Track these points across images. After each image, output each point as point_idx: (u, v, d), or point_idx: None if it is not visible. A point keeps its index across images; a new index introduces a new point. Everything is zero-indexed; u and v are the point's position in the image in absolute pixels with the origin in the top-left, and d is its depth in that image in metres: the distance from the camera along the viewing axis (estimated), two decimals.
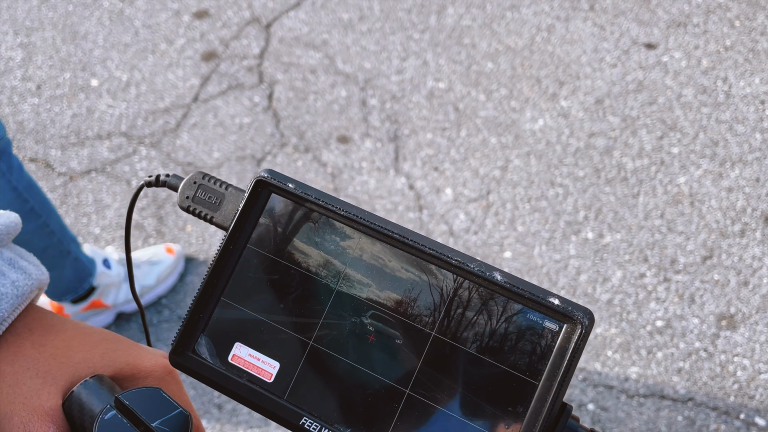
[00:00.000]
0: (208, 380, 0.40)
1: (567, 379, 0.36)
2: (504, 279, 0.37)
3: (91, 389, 0.43)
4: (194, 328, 0.40)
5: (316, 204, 0.40)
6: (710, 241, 1.77)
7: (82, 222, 1.88)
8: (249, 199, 0.40)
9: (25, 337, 0.44)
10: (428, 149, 1.97)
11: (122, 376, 0.45)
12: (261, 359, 0.39)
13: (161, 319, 1.73)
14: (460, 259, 0.38)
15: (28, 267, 0.46)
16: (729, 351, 1.61)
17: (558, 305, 0.36)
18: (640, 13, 2.20)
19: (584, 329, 0.36)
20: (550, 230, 1.81)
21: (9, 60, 2.21)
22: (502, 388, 0.37)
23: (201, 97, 2.11)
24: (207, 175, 0.43)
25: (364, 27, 2.23)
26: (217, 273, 0.40)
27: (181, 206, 0.43)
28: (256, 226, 0.40)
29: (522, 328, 0.37)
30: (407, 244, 0.38)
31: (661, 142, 1.94)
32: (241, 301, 0.40)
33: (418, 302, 0.38)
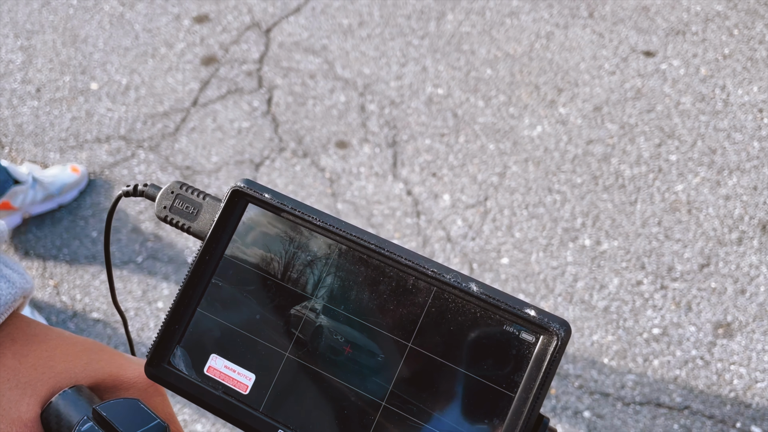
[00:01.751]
0: (183, 392, 0.39)
1: (543, 391, 0.35)
2: (480, 290, 0.37)
3: (69, 400, 0.42)
4: (170, 340, 0.40)
5: (293, 214, 0.40)
6: (707, 249, 1.76)
7: (80, 225, 1.89)
8: (225, 209, 0.40)
9: (6, 347, 0.44)
10: (426, 155, 1.97)
11: (104, 387, 0.45)
12: (237, 371, 0.39)
13: (158, 322, 1.73)
14: (436, 270, 0.38)
15: (11, 275, 0.46)
16: (726, 359, 1.61)
17: (534, 316, 0.36)
18: (639, 21, 2.20)
19: (560, 341, 0.36)
20: (547, 237, 1.81)
21: (9, 63, 2.22)
22: (479, 400, 0.36)
23: (200, 101, 2.11)
24: (185, 185, 0.43)
25: (364, 33, 2.24)
26: (193, 284, 0.40)
27: (158, 216, 0.43)
28: (233, 236, 0.40)
29: (498, 340, 0.37)
30: (383, 254, 0.38)
31: (659, 150, 1.94)
32: (217, 312, 0.40)
33: (394, 313, 0.38)
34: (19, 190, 1.78)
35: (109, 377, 0.45)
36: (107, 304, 1.77)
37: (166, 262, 1.82)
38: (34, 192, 1.82)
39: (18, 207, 1.82)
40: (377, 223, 1.86)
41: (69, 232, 1.88)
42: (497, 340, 0.37)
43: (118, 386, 0.45)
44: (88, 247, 1.85)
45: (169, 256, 1.83)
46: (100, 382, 0.45)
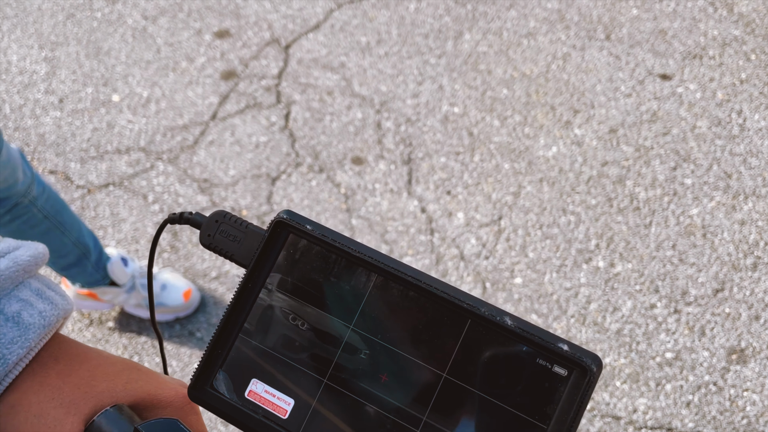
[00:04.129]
0: (225, 415, 0.41)
1: (575, 424, 0.37)
2: (514, 324, 0.38)
3: (111, 419, 0.44)
4: (213, 364, 0.42)
5: (333, 246, 0.41)
6: (722, 273, 1.76)
7: (98, 235, 1.91)
8: (268, 240, 0.42)
9: (50, 367, 0.45)
10: (441, 173, 1.99)
11: (143, 405, 0.46)
12: (276, 396, 0.40)
13: (172, 333, 1.75)
14: (471, 303, 0.39)
15: (54, 297, 0.47)
16: (739, 385, 1.60)
17: (567, 351, 0.37)
18: (656, 44, 2.22)
19: (592, 376, 0.37)
20: (561, 258, 1.81)
21: (33, 73, 2.26)
22: (511, 431, 0.38)
23: (219, 115, 2.14)
24: (228, 214, 0.44)
25: (382, 51, 2.26)
26: (236, 310, 0.42)
27: (203, 243, 0.44)
28: (275, 265, 0.42)
29: (531, 373, 0.38)
30: (420, 287, 0.40)
31: (674, 173, 1.95)
32: (258, 338, 0.41)
33: (430, 344, 0.39)
34: (110, 290, 1.65)
35: (147, 396, 0.46)
36: (123, 314, 1.79)
37: (181, 273, 1.84)
38: (128, 296, 1.68)
39: (106, 301, 1.69)
40: (391, 239, 1.87)
41: None
42: (530, 373, 0.38)
43: (156, 405, 0.47)
44: None
45: (185, 267, 1.85)
46: (139, 401, 0.46)
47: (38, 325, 0.45)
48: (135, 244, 1.90)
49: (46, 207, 1.43)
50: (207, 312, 1.77)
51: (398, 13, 2.35)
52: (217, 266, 1.85)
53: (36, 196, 1.41)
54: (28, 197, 1.39)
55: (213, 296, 1.80)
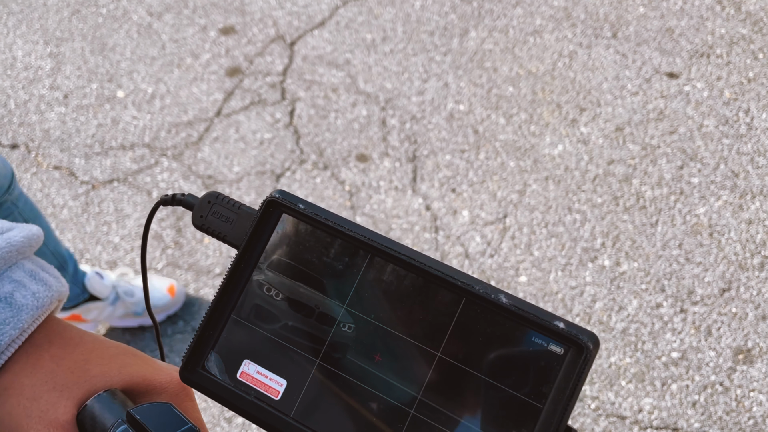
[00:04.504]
0: (217, 396, 0.40)
1: (571, 403, 0.36)
2: (509, 301, 0.37)
3: (104, 403, 0.43)
4: (204, 345, 0.41)
5: (326, 225, 0.40)
6: (729, 273, 1.75)
7: (102, 231, 1.91)
8: (260, 219, 0.41)
9: (44, 349, 0.45)
10: (446, 170, 1.98)
11: (137, 390, 0.46)
12: (269, 377, 0.40)
13: (176, 330, 1.75)
14: (465, 281, 0.38)
15: (48, 278, 0.47)
16: (745, 386, 1.59)
17: (563, 328, 0.37)
18: (663, 42, 2.20)
19: (588, 353, 0.36)
20: (566, 256, 1.80)
21: (38, 69, 2.26)
22: (507, 410, 0.37)
23: (224, 111, 2.14)
24: (220, 195, 0.44)
25: (387, 48, 2.26)
26: (228, 291, 0.41)
27: (195, 224, 0.44)
28: (267, 245, 0.41)
29: (526, 351, 0.37)
30: (415, 266, 0.39)
31: (681, 172, 1.93)
32: (251, 319, 0.41)
33: (424, 323, 0.39)
34: (94, 306, 1.60)
35: (142, 381, 0.46)
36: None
37: (185, 269, 1.83)
38: (113, 309, 1.63)
39: (91, 320, 1.64)
40: (395, 237, 1.86)
41: (92, 238, 1.90)
42: (526, 351, 0.37)
43: (151, 390, 0.46)
44: (109, 253, 1.87)
45: (189, 264, 1.85)
46: (133, 386, 0.45)
47: (31, 306, 0.44)
48: (139, 240, 1.89)
49: (25, 210, 1.39)
50: None
51: (404, 11, 2.35)
52: (221, 263, 1.84)
53: (17, 195, 1.37)
54: (11, 197, 1.35)
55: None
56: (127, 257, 1.87)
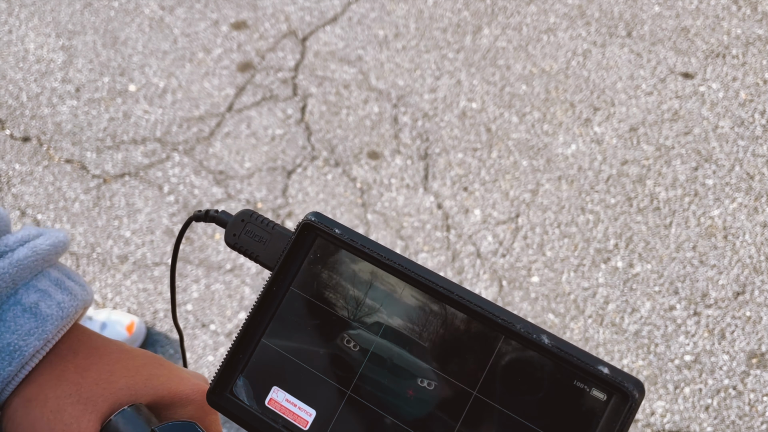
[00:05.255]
0: (244, 423, 0.40)
1: None
2: (551, 342, 0.36)
3: (128, 419, 0.43)
4: (233, 369, 0.40)
5: (362, 251, 0.39)
6: (743, 276, 1.73)
7: (113, 225, 1.91)
8: (295, 242, 0.40)
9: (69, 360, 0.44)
10: (458, 169, 1.97)
11: (163, 403, 0.45)
12: (298, 405, 0.39)
13: (186, 325, 1.75)
14: (506, 319, 0.37)
15: (73, 287, 0.46)
16: (759, 390, 1.58)
17: (607, 374, 0.35)
18: (678, 42, 2.18)
19: (634, 402, 0.35)
20: (579, 257, 1.79)
21: (50, 62, 2.25)
22: None
23: (235, 107, 2.13)
24: (254, 214, 0.43)
25: (399, 44, 2.24)
26: (260, 314, 0.40)
27: (227, 242, 0.43)
28: (300, 269, 0.40)
29: (568, 395, 0.36)
30: (452, 299, 0.38)
31: (695, 173, 1.92)
32: (282, 345, 0.40)
33: (460, 360, 0.38)
34: None
35: (168, 394, 0.45)
36: (137, 304, 1.78)
37: (196, 265, 1.83)
38: None
39: None
40: (406, 235, 1.85)
41: (103, 232, 1.90)
42: (566, 395, 0.36)
43: (176, 402, 0.45)
44: (120, 248, 1.87)
45: (200, 259, 1.84)
46: (158, 399, 0.45)
47: (56, 316, 0.43)
48: (150, 235, 1.89)
49: None
50: (221, 304, 1.77)
51: (416, 7, 2.33)
52: (231, 259, 1.84)
53: None
54: None
55: (228, 289, 1.79)
56: (138, 252, 1.87)
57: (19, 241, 0.45)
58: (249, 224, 0.43)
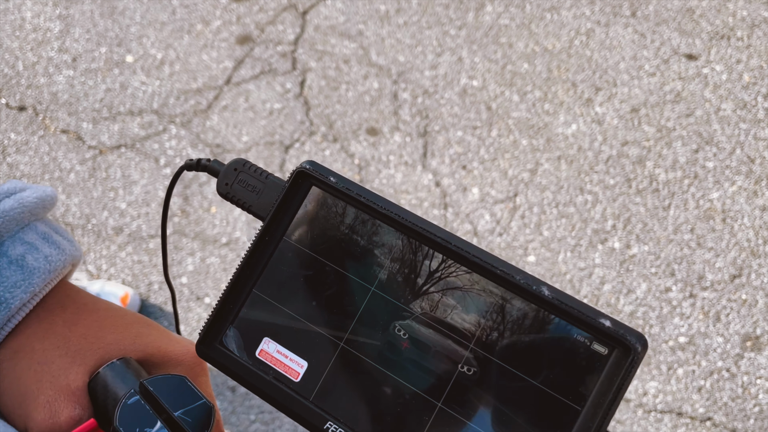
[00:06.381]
0: (233, 374, 0.39)
1: (613, 408, 0.34)
2: (551, 294, 0.35)
3: (117, 372, 0.42)
4: (223, 320, 0.39)
5: (358, 200, 0.38)
6: (740, 259, 1.73)
7: (108, 196, 1.89)
8: (288, 190, 0.39)
9: (57, 314, 0.43)
10: (457, 147, 1.95)
11: (152, 361, 0.44)
12: (289, 357, 0.38)
13: (180, 297, 1.74)
14: (505, 270, 0.36)
15: (61, 242, 0.45)
16: (752, 373, 1.58)
17: (609, 327, 0.34)
18: (683, 23, 2.16)
19: (636, 356, 0.33)
20: (576, 237, 1.78)
21: (47, 31, 2.22)
22: (542, 410, 0.35)
23: (233, 80, 2.10)
24: (247, 163, 0.42)
25: (401, 20, 2.21)
26: (251, 264, 0.39)
27: (219, 192, 0.42)
28: (294, 219, 0.39)
29: (568, 349, 0.35)
30: (450, 249, 0.37)
31: (696, 156, 1.90)
32: (273, 296, 0.39)
33: (457, 311, 0.37)
34: None
35: (157, 352, 0.44)
36: (132, 276, 1.78)
37: (192, 238, 1.82)
38: None
39: None
40: None
41: (98, 203, 1.89)
42: (567, 349, 0.35)
43: (166, 362, 0.45)
44: (116, 219, 1.86)
45: (196, 232, 1.83)
46: (148, 356, 0.44)
47: (43, 269, 0.42)
48: (146, 207, 1.88)
49: None
50: (216, 278, 1.76)
51: None
52: (227, 232, 1.83)
53: None
54: None
55: (223, 263, 1.78)
56: (134, 224, 1.85)
57: (5, 193, 0.44)
58: (242, 173, 0.41)
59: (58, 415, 0.40)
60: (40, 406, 0.40)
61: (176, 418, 0.38)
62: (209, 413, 0.39)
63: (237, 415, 1.57)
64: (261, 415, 1.56)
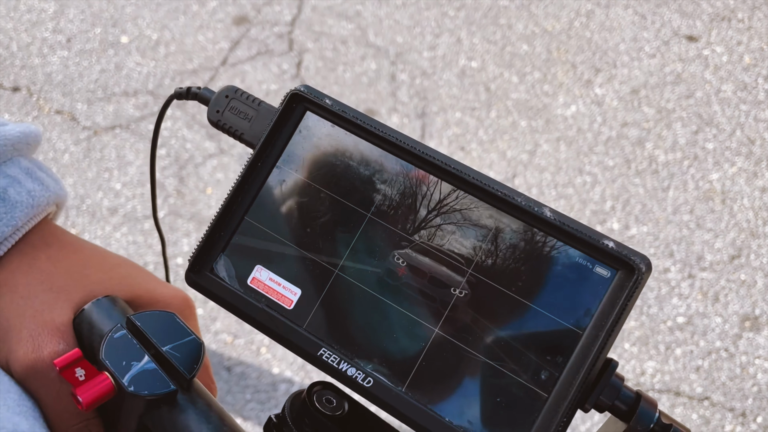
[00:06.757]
0: (224, 302, 0.37)
1: (615, 331, 0.32)
2: (554, 216, 0.34)
3: (103, 308, 0.41)
4: (214, 247, 0.38)
5: (354, 124, 0.37)
6: (739, 240, 1.72)
7: (103, 177, 1.88)
8: (282, 114, 0.38)
9: (41, 250, 0.42)
10: (456, 128, 1.94)
11: (139, 303, 0.43)
12: (282, 284, 0.37)
13: (177, 277, 1.73)
14: (505, 192, 0.35)
15: (45, 179, 0.44)
16: (750, 353, 1.57)
17: (613, 248, 0.33)
18: (684, 5, 2.14)
19: (640, 276, 0.32)
20: (575, 218, 1.77)
21: (41, 11, 2.20)
22: (542, 335, 0.34)
23: (229, 60, 2.09)
24: (239, 90, 0.40)
25: (399, 0, 2.19)
26: (242, 190, 0.38)
27: (210, 120, 0.41)
28: (288, 144, 0.38)
29: (569, 272, 0.34)
30: (448, 171, 0.36)
31: (696, 137, 1.89)
32: (266, 223, 0.37)
33: (455, 235, 0.35)
34: None
35: (145, 293, 0.43)
36: (127, 257, 1.76)
37: (187, 218, 1.81)
38: None
39: None
40: None
41: (93, 184, 1.87)
42: (568, 272, 0.34)
43: (153, 304, 0.44)
44: (111, 200, 1.84)
45: (191, 213, 1.82)
46: (135, 297, 0.43)
47: (26, 204, 0.41)
48: (140, 188, 1.86)
49: None
50: None
51: None
52: None
53: None
54: None
55: None
56: (129, 204, 1.84)
57: None
58: (233, 100, 0.40)
59: (41, 350, 0.38)
60: (23, 340, 0.39)
61: (164, 353, 0.37)
62: (199, 348, 0.38)
63: (233, 395, 1.56)
64: (256, 395, 1.55)
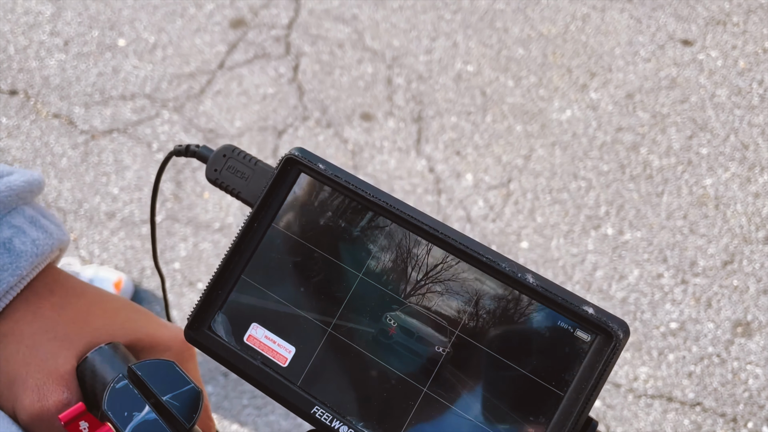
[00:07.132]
0: (221, 359, 0.39)
1: (595, 394, 0.34)
2: (536, 282, 0.35)
3: (105, 356, 0.42)
4: (212, 305, 0.39)
5: (346, 188, 0.38)
6: (732, 246, 1.74)
7: (101, 181, 1.89)
8: (277, 177, 0.39)
9: (45, 298, 0.43)
10: (451, 132, 1.95)
11: (140, 346, 0.44)
12: (277, 342, 0.38)
13: (174, 283, 1.74)
14: (491, 257, 0.36)
15: (49, 226, 0.45)
16: (742, 358, 1.59)
17: (592, 314, 0.35)
18: (679, 8, 2.15)
19: (618, 343, 0.34)
20: (569, 223, 1.79)
21: (38, 14, 2.20)
22: (525, 395, 0.35)
23: (227, 64, 2.09)
24: (237, 149, 0.42)
25: (396, 4, 2.20)
26: (239, 250, 0.39)
27: (208, 178, 0.42)
28: (283, 205, 0.39)
29: (551, 336, 0.35)
30: (437, 237, 0.37)
31: (690, 142, 1.91)
32: (262, 281, 0.39)
33: (443, 298, 0.37)
34: None
35: (145, 337, 0.44)
36: (124, 261, 1.77)
37: (184, 223, 1.82)
38: None
39: None
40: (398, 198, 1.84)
41: (90, 188, 1.88)
42: (550, 335, 0.35)
43: (154, 347, 0.45)
44: (108, 204, 1.85)
45: (188, 218, 1.83)
46: (136, 342, 0.44)
47: (31, 253, 0.42)
48: (138, 192, 1.87)
49: None
50: (209, 263, 1.76)
51: None
52: (220, 218, 1.82)
53: None
54: None
55: (216, 248, 1.78)
56: (126, 209, 1.85)
57: None
58: (231, 159, 0.41)
59: (47, 399, 0.40)
60: (28, 389, 0.40)
61: (164, 403, 0.38)
62: (197, 397, 0.39)
63: (230, 400, 1.58)
64: (253, 400, 1.57)
